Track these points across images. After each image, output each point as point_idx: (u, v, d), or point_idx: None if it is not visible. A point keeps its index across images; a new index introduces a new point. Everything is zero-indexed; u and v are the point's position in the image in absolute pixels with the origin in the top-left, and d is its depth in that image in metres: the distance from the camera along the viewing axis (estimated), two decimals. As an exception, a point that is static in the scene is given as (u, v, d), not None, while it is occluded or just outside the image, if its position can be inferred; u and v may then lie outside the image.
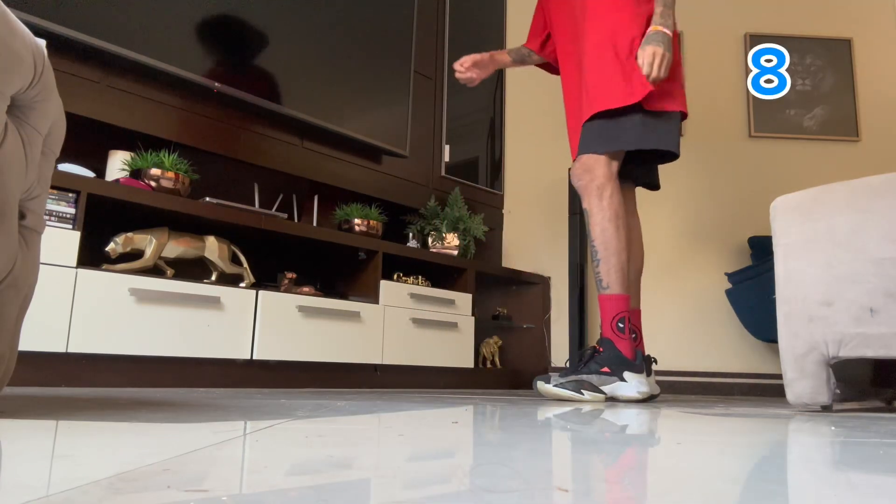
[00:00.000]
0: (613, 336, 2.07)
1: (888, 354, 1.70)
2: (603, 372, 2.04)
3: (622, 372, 2.03)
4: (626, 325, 2.07)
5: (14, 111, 0.96)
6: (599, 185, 2.12)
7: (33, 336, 1.79)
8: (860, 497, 0.55)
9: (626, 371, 2.03)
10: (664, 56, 2.04)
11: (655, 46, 2.04)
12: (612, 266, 2.08)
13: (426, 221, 3.33)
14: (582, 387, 2.03)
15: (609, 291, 2.09)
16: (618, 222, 2.10)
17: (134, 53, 2.30)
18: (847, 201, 1.82)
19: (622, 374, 2.03)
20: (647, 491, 0.54)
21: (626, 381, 2.03)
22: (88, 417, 1.04)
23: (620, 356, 2.05)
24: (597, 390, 2.03)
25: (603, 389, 2.03)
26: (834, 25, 4.02)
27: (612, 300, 2.08)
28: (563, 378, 2.07)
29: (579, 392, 2.03)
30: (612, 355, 2.05)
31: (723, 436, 1.12)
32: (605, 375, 2.04)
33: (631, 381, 2.03)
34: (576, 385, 2.04)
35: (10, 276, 0.97)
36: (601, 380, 2.03)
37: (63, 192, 1.95)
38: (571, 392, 2.04)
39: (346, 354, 2.58)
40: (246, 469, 0.62)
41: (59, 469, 0.56)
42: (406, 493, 0.50)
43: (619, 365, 2.04)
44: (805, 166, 3.85)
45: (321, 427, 1.02)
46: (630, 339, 2.08)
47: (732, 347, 3.66)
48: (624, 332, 2.07)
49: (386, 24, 3.29)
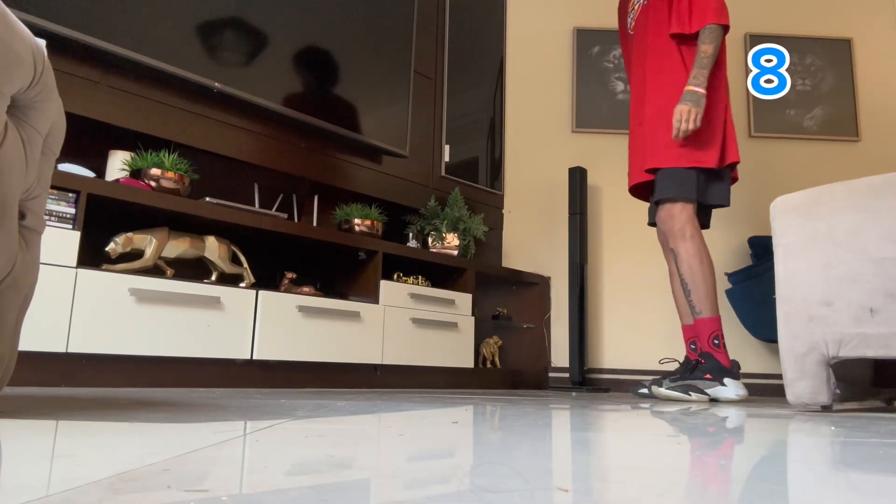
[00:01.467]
0: (711, 349, 2.42)
1: (888, 354, 1.70)
2: (706, 378, 2.37)
3: (722, 378, 2.36)
4: (721, 340, 2.42)
5: (14, 111, 0.96)
6: (681, 227, 2.47)
7: (33, 336, 1.79)
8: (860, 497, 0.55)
9: (725, 377, 2.36)
10: (690, 112, 2.36)
11: (683, 105, 2.37)
12: (701, 294, 2.44)
13: (426, 221, 3.33)
14: (690, 389, 2.35)
15: (702, 315, 2.44)
16: (700, 256, 2.46)
17: (134, 53, 2.30)
18: (847, 201, 1.82)
19: (722, 380, 2.35)
20: (648, 491, 0.54)
21: (726, 385, 2.34)
22: (88, 417, 1.04)
23: (720, 365, 2.39)
24: (702, 392, 2.34)
25: (707, 392, 2.34)
26: (834, 25, 4.02)
27: (706, 322, 2.43)
28: (674, 383, 2.40)
29: (687, 394, 2.35)
30: (712, 365, 2.39)
31: (723, 435, 1.12)
32: (708, 381, 2.36)
33: (730, 385, 2.35)
34: (684, 388, 2.36)
35: (10, 276, 0.97)
36: (705, 384, 2.36)
37: (63, 192, 1.95)
38: (681, 394, 2.36)
39: (346, 354, 2.58)
40: (246, 469, 0.62)
41: (59, 469, 0.56)
42: (406, 493, 0.50)
43: (720, 373, 2.37)
44: (805, 166, 3.85)
45: (321, 427, 1.02)
46: (725, 351, 2.43)
47: (732, 347, 3.66)
48: (719, 346, 2.42)
49: (386, 24, 3.29)
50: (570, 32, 4.04)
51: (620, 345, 3.74)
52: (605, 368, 3.71)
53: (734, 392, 2.34)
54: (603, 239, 3.83)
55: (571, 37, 4.03)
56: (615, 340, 3.74)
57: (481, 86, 3.96)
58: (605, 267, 3.82)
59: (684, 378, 2.41)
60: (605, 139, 3.94)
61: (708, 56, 2.40)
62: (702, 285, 2.43)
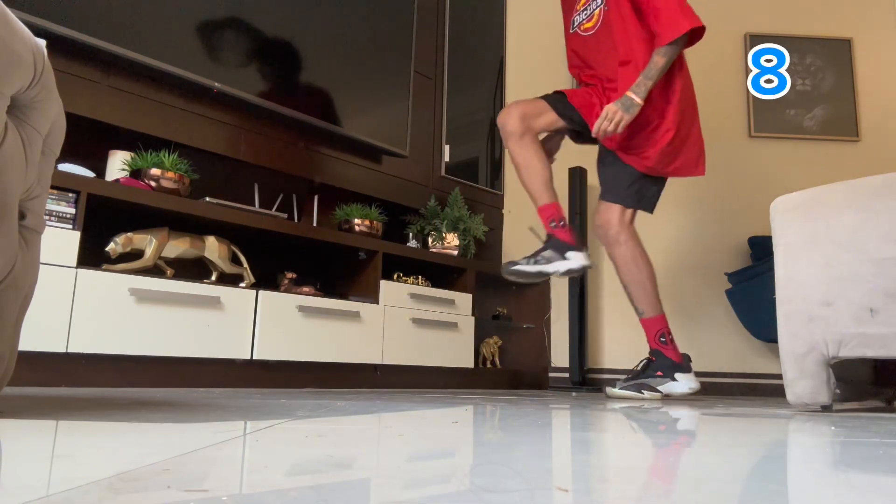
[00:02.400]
0: (659, 347, 2.49)
1: (888, 354, 1.70)
2: (658, 376, 2.45)
3: (673, 374, 2.44)
4: (668, 337, 2.50)
5: (14, 111, 0.96)
6: (615, 233, 2.53)
7: (33, 336, 1.79)
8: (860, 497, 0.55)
9: (676, 373, 2.44)
10: (617, 114, 2.35)
11: (616, 107, 2.35)
12: (641, 296, 2.52)
13: (426, 221, 3.33)
14: (642, 387, 2.44)
15: (646, 316, 2.52)
16: (636, 260, 2.53)
17: (134, 53, 2.30)
18: (847, 201, 1.82)
19: (673, 376, 2.43)
20: (648, 491, 0.54)
21: (676, 380, 2.43)
22: (88, 417, 1.04)
23: (671, 362, 2.46)
24: (654, 390, 2.43)
25: (659, 389, 2.43)
26: (834, 25, 4.01)
27: (651, 322, 2.51)
28: (627, 383, 2.48)
29: (640, 392, 2.44)
30: (663, 363, 2.46)
31: (723, 436, 1.12)
32: (659, 378, 2.45)
33: (681, 379, 2.43)
34: (637, 387, 2.45)
35: (10, 276, 0.97)
36: (657, 381, 2.44)
37: (63, 192, 1.95)
38: (633, 392, 2.45)
39: (346, 354, 2.58)
40: (246, 469, 0.62)
41: (59, 469, 0.56)
42: (406, 493, 0.50)
43: (671, 369, 2.45)
44: (805, 166, 3.85)
45: (321, 427, 1.02)
46: (674, 346, 2.49)
47: (732, 347, 3.66)
48: (667, 343, 2.49)
49: (386, 24, 3.29)
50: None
51: (620, 345, 3.73)
52: (605, 368, 3.71)
53: (686, 386, 2.42)
54: (603, 239, 3.83)
55: (571, 37, 4.02)
56: (615, 340, 3.74)
57: (481, 86, 3.95)
58: (605, 267, 3.81)
59: (637, 377, 2.49)
60: (605, 139, 3.93)
61: (658, 68, 2.36)
62: (640, 288, 2.52)
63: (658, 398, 2.41)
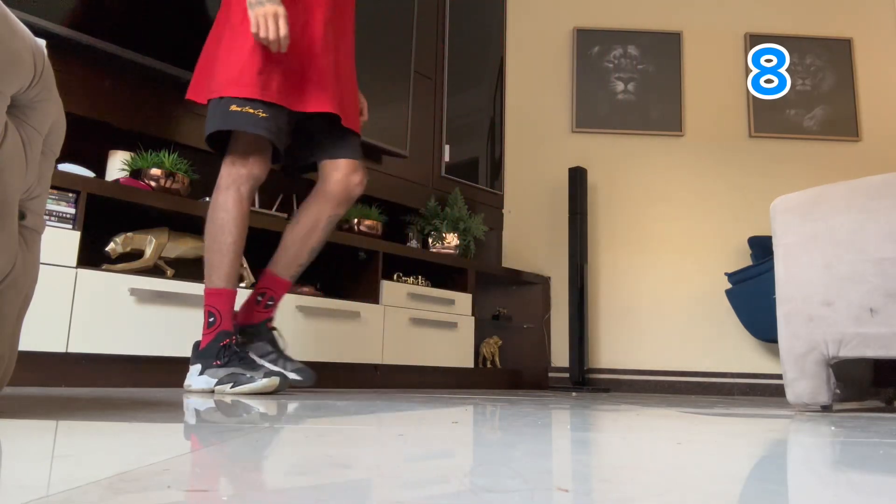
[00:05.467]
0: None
1: (888, 354, 1.70)
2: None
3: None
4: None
5: (14, 111, 0.96)
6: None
7: (33, 336, 1.79)
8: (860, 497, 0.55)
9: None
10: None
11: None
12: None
13: (426, 221, 3.33)
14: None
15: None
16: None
17: (134, 53, 2.30)
18: (847, 201, 1.82)
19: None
20: (648, 491, 0.54)
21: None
22: (88, 417, 1.04)
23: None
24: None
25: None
26: (834, 25, 4.02)
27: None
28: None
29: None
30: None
31: (723, 436, 1.12)
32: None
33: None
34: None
35: (10, 276, 0.97)
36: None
37: (63, 192, 1.95)
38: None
39: (346, 354, 2.58)
40: (246, 469, 0.62)
41: (59, 469, 0.56)
42: (406, 493, 0.50)
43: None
44: (805, 166, 3.85)
45: (321, 427, 1.02)
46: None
47: (732, 347, 3.66)
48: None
49: (386, 24, 3.29)
50: (570, 32, 4.04)
51: (620, 345, 3.74)
52: (605, 368, 3.71)
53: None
54: (603, 239, 3.83)
55: (571, 37, 4.03)
56: (615, 340, 3.74)
57: (481, 86, 3.95)
58: (605, 267, 3.82)
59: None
60: (605, 139, 3.94)
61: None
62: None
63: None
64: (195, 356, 1.90)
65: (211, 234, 1.92)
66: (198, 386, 1.85)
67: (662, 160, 3.90)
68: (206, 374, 1.85)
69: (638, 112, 3.94)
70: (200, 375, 1.85)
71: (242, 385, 1.78)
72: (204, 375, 1.85)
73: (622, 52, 4.00)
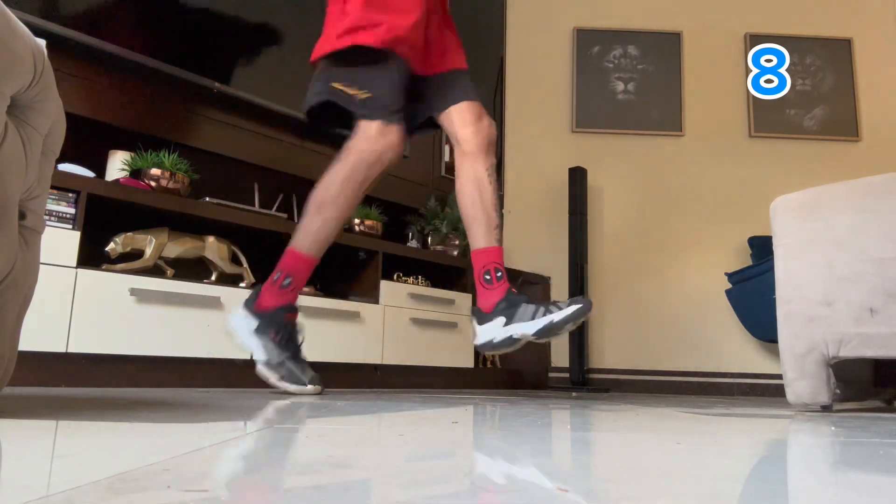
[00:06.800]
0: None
1: (888, 354, 1.70)
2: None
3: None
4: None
5: (14, 111, 0.96)
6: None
7: (33, 336, 1.78)
8: (860, 497, 0.55)
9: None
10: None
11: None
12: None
13: (426, 221, 3.33)
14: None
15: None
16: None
17: (134, 53, 2.30)
18: (847, 201, 1.82)
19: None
20: (648, 491, 0.54)
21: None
22: (88, 417, 1.04)
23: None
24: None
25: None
26: (834, 25, 4.02)
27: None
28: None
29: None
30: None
31: (723, 436, 1.12)
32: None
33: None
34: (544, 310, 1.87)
35: (10, 276, 0.97)
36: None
37: (63, 192, 1.94)
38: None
39: (346, 354, 2.58)
40: (246, 469, 0.62)
41: (59, 469, 0.56)
42: (406, 493, 0.50)
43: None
44: (805, 166, 3.85)
45: (321, 427, 1.02)
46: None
47: (732, 347, 3.66)
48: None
49: (386, 24, 3.29)
50: (570, 32, 4.04)
51: (620, 345, 3.74)
52: (605, 368, 3.71)
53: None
54: (603, 239, 3.83)
55: (571, 37, 4.03)
56: (615, 340, 3.75)
57: (481, 86, 3.95)
58: (605, 267, 3.82)
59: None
60: (605, 139, 3.94)
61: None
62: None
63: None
64: (249, 304, 1.88)
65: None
66: (242, 336, 1.86)
67: (662, 160, 3.90)
68: (260, 339, 1.84)
69: (638, 112, 3.94)
70: (252, 333, 1.84)
71: (292, 384, 1.85)
72: (254, 336, 1.83)
73: (622, 52, 4.00)
